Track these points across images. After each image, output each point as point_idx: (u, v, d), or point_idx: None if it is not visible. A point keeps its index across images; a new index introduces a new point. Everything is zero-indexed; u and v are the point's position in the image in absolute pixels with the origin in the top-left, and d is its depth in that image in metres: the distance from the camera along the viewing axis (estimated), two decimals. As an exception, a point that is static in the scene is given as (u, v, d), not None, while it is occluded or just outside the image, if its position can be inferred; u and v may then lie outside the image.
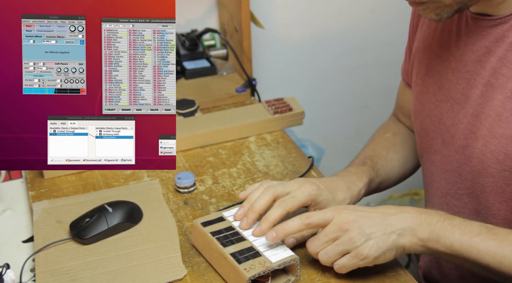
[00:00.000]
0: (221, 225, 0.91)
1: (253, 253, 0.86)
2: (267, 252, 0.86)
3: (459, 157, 0.94)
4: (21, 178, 1.16)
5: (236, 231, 0.90)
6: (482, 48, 0.89)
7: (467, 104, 0.92)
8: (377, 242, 0.82)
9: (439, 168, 1.00)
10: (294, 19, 1.75)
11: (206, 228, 0.91)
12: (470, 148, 0.91)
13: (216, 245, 0.88)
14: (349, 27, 1.82)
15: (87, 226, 0.95)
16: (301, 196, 0.90)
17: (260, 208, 0.90)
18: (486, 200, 0.91)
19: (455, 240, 0.81)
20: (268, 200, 0.91)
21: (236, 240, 0.88)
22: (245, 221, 0.91)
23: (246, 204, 0.93)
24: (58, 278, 0.89)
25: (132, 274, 0.89)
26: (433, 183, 1.02)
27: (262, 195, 0.91)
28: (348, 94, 1.92)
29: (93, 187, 1.10)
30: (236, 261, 0.84)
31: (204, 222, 0.92)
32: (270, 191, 0.91)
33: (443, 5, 0.84)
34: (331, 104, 1.93)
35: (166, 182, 1.11)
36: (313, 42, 1.80)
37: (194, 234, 0.94)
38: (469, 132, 0.91)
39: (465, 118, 0.92)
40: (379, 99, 2.01)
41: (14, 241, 1.01)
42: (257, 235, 0.89)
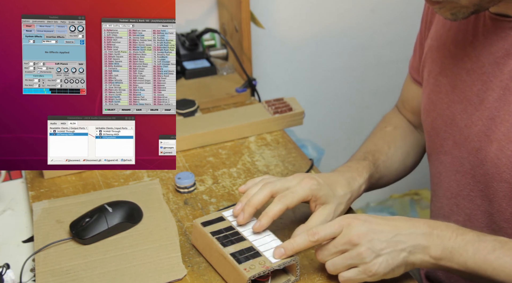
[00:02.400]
0: (221, 225, 0.92)
1: (253, 253, 0.86)
2: (267, 252, 0.86)
3: (472, 160, 0.92)
4: (21, 178, 1.16)
5: (236, 231, 0.90)
6: (501, 50, 0.87)
7: (482, 106, 0.89)
8: (387, 259, 0.80)
9: (449, 169, 0.98)
10: (294, 19, 1.75)
11: (206, 228, 0.91)
12: (484, 151, 0.89)
13: (216, 245, 0.88)
14: (349, 27, 1.82)
15: (87, 226, 0.95)
16: (301, 191, 0.90)
17: (257, 203, 0.90)
18: (499, 205, 0.89)
19: (469, 258, 0.79)
20: (265, 195, 0.90)
21: (236, 240, 0.89)
22: (242, 215, 0.90)
23: (244, 198, 0.92)
24: (58, 278, 0.89)
25: (132, 274, 0.89)
26: (442, 184, 1.01)
27: (260, 190, 0.91)
28: (348, 94, 1.92)
29: (93, 187, 1.10)
30: (236, 261, 0.84)
31: (204, 222, 0.92)
32: (268, 187, 0.91)
33: (459, 6, 0.82)
34: (331, 104, 1.93)
35: (166, 182, 1.11)
36: (313, 42, 1.80)
37: (194, 234, 0.94)
38: (483, 135, 0.89)
39: (479, 121, 0.90)
40: (379, 99, 2.01)
41: (14, 241, 1.01)
42: (257, 230, 0.89)
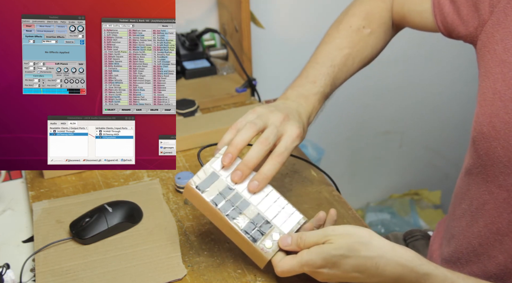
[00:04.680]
0: (218, 186, 0.87)
1: (264, 224, 0.86)
2: (276, 220, 0.86)
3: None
4: (21, 178, 1.16)
5: (237, 193, 0.87)
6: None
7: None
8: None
9: (501, 206, 0.87)
10: (294, 19, 1.75)
11: (205, 195, 0.86)
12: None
13: (222, 218, 0.85)
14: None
15: (87, 226, 0.95)
16: (292, 146, 0.90)
17: (254, 163, 0.87)
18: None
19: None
20: (260, 153, 0.87)
21: (241, 206, 0.86)
22: (238, 175, 0.87)
23: (232, 149, 0.87)
24: (58, 278, 0.89)
25: (132, 274, 0.89)
26: (485, 215, 0.90)
27: (254, 148, 0.87)
28: (348, 94, 1.92)
29: (93, 187, 1.10)
30: (251, 240, 0.84)
31: (199, 185, 0.87)
32: (263, 142, 0.87)
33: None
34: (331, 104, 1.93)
35: (166, 182, 1.11)
36: (313, 42, 1.79)
37: (189, 196, 0.88)
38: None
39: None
40: (379, 99, 2.01)
41: (14, 241, 1.01)
42: (253, 192, 0.87)
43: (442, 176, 2.22)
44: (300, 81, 1.02)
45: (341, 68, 1.04)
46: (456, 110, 2.11)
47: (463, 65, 2.00)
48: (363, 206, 2.19)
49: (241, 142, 0.87)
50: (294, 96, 0.99)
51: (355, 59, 1.06)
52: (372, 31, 1.07)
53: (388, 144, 2.12)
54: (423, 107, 2.08)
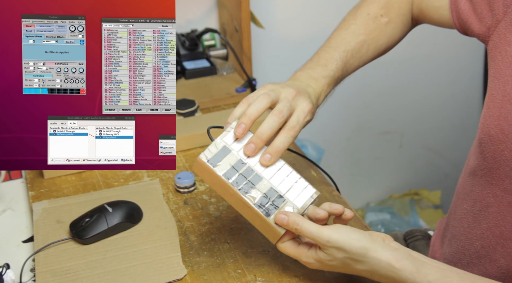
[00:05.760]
0: (230, 160, 0.85)
1: (277, 198, 0.84)
2: (289, 194, 0.85)
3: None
4: (21, 178, 1.16)
5: (249, 167, 0.86)
6: None
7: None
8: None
9: (506, 209, 0.86)
10: (294, 19, 1.76)
11: (217, 169, 0.85)
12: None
13: (235, 192, 0.84)
14: (349, 27, 1.82)
15: (87, 226, 0.95)
16: (304, 121, 0.89)
17: (268, 135, 0.85)
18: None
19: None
20: (274, 125, 0.85)
21: (253, 181, 0.85)
22: (251, 147, 0.85)
23: (246, 119, 0.86)
24: (58, 278, 0.89)
25: (132, 274, 0.89)
26: (489, 218, 0.90)
27: (268, 120, 0.86)
28: (348, 94, 1.92)
29: (93, 187, 1.10)
30: (265, 214, 0.83)
31: (211, 159, 0.85)
32: (277, 115, 0.86)
33: None
34: (331, 104, 1.92)
35: (166, 182, 1.11)
36: (313, 42, 1.80)
37: (200, 171, 0.86)
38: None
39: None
40: (379, 99, 2.01)
41: (14, 241, 1.01)
42: (266, 165, 0.86)
43: (442, 176, 2.22)
44: (311, 63, 1.01)
45: (354, 54, 1.03)
46: (456, 110, 2.11)
47: (463, 65, 2.00)
48: (363, 206, 2.19)
49: (255, 112, 0.86)
50: (304, 77, 0.98)
51: (370, 47, 1.05)
52: (389, 20, 1.06)
53: (388, 144, 2.12)
54: (423, 107, 2.08)
